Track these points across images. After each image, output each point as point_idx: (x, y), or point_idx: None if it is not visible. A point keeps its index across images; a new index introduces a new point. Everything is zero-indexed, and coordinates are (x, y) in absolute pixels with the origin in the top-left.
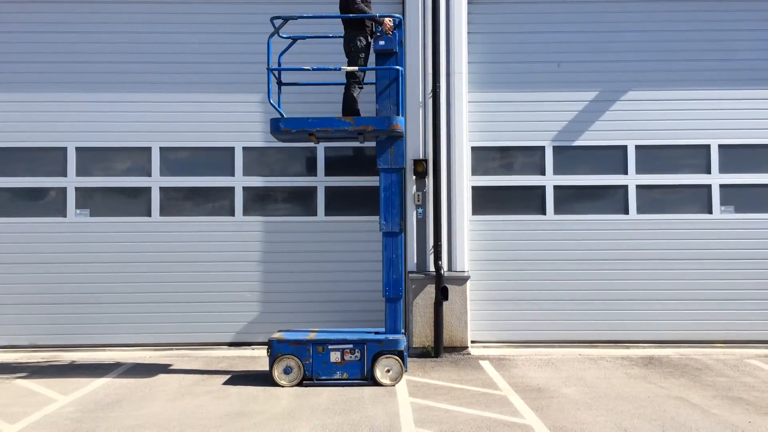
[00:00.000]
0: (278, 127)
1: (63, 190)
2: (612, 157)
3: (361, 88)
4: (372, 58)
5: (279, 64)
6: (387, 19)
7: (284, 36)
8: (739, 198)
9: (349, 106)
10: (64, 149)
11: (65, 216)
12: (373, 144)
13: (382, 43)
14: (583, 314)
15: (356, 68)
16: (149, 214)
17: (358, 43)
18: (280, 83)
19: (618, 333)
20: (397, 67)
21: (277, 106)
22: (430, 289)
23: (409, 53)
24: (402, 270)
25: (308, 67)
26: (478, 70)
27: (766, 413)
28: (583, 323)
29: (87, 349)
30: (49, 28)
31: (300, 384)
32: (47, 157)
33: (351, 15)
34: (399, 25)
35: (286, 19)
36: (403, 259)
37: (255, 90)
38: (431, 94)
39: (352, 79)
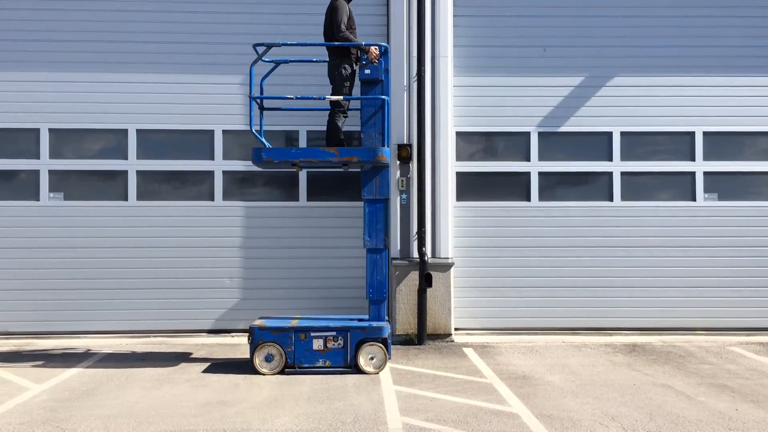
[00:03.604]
0: (260, 157)
1: (36, 173)
2: (597, 144)
3: (346, 116)
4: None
5: (261, 89)
6: (373, 48)
7: (267, 60)
8: (722, 186)
9: (334, 136)
10: (37, 131)
11: (38, 199)
12: (357, 122)
13: (367, 71)
14: (566, 301)
15: (341, 97)
16: (126, 198)
17: (343, 71)
18: (262, 108)
19: (601, 320)
20: (383, 96)
21: (259, 136)
22: (414, 276)
23: (393, 36)
24: (386, 272)
25: (292, 96)
26: (463, 54)
27: (752, 401)
28: (566, 310)
29: (62, 337)
30: (21, 5)
31: (282, 372)
32: (19, 138)
33: (336, 43)
34: (385, 53)
35: (269, 46)
36: (388, 259)
37: (236, 71)
38: (416, 78)
39: (336, 108)
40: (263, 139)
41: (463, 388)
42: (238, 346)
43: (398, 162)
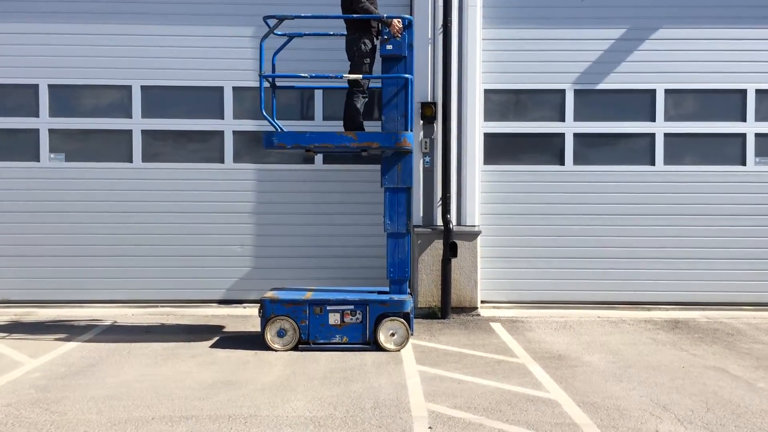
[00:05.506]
0: (271, 142)
1: (35, 132)
2: (639, 102)
3: (366, 97)
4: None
5: (273, 67)
6: (395, 20)
7: (279, 33)
8: None
9: (352, 118)
10: (36, 87)
11: (38, 161)
12: (378, 79)
13: (389, 47)
14: (602, 273)
15: (359, 76)
16: (130, 160)
17: (363, 46)
18: (273, 86)
19: (639, 294)
20: (406, 75)
21: (271, 119)
22: (438, 245)
23: None
24: (409, 250)
25: (306, 75)
26: (493, 3)
27: None
28: (601, 283)
29: (64, 305)
30: None
31: (295, 348)
32: (17, 95)
33: (355, 16)
34: (409, 26)
35: (281, 19)
36: (410, 240)
37: (247, 23)
38: (441, 30)
39: (355, 88)
40: (276, 122)
41: (493, 369)
42: (249, 317)
43: (421, 122)
